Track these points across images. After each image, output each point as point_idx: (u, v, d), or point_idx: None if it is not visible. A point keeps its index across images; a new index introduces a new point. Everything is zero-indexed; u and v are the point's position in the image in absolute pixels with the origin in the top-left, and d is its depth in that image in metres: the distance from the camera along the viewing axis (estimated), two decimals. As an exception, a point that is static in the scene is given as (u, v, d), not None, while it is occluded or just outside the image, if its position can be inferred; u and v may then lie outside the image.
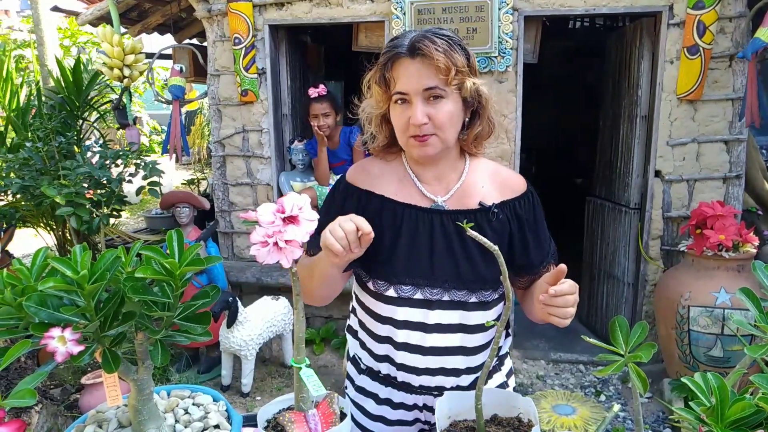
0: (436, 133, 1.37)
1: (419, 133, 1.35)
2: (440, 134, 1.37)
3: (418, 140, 1.37)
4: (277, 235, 1.04)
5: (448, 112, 1.36)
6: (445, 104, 1.36)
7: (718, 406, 0.88)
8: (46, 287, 1.02)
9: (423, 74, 1.33)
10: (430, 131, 1.36)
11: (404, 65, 1.35)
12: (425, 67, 1.33)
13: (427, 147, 1.38)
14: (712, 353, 3.33)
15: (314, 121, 4.07)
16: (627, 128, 4.13)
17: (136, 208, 9.51)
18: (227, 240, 4.63)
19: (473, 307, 1.46)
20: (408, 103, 1.36)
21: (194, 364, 4.22)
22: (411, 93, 1.34)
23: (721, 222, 3.35)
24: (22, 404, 1.02)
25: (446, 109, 1.36)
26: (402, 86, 1.35)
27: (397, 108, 1.38)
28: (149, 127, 10.78)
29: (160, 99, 4.83)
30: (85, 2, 5.26)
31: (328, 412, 1.24)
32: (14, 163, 4.01)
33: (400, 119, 1.39)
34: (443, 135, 1.38)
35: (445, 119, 1.36)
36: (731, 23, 3.59)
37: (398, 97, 1.37)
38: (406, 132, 1.38)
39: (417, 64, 1.33)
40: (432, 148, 1.38)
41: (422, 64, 1.33)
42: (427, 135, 1.36)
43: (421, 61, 1.33)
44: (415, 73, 1.34)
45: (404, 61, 1.35)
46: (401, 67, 1.36)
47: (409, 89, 1.34)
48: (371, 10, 4.01)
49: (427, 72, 1.33)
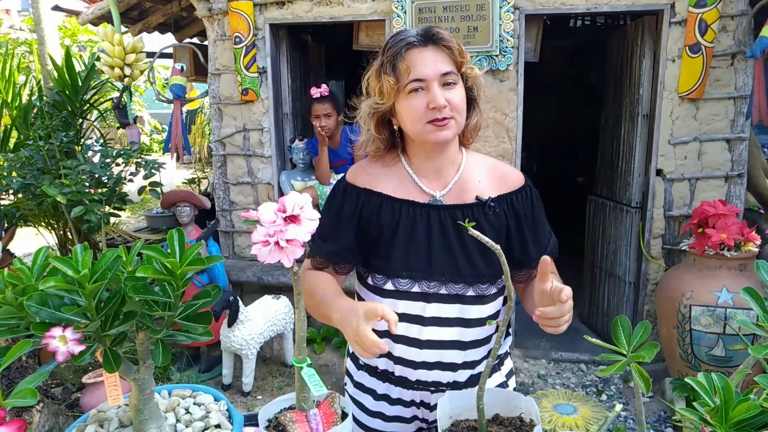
0: (453, 117, 1.40)
1: (440, 116, 1.38)
2: (457, 117, 1.41)
3: (437, 124, 1.39)
4: (279, 234, 1.04)
5: (461, 98, 1.41)
6: (458, 90, 1.41)
7: (722, 406, 0.88)
8: (47, 287, 1.02)
9: (439, 60, 1.38)
10: (448, 114, 1.39)
11: (418, 53, 1.39)
12: (440, 53, 1.39)
13: (447, 130, 1.40)
14: (714, 353, 3.32)
15: (316, 121, 4.06)
16: (628, 127, 4.13)
17: (136, 207, 9.51)
18: (228, 239, 4.63)
19: (471, 301, 1.47)
20: (424, 91, 1.39)
21: (195, 363, 4.23)
22: (429, 78, 1.37)
23: (723, 221, 3.34)
24: (23, 404, 1.01)
25: (460, 94, 1.41)
26: (419, 73, 1.38)
27: (412, 97, 1.40)
28: (150, 126, 10.78)
29: (161, 98, 4.83)
30: (86, 1, 5.25)
31: (329, 411, 1.24)
32: (16, 162, 4.02)
33: (415, 107, 1.40)
34: (459, 119, 1.42)
35: (459, 103, 1.40)
36: (733, 21, 3.59)
37: (415, 84, 1.39)
38: (422, 119, 1.39)
39: (431, 51, 1.39)
40: (451, 131, 1.41)
41: (436, 51, 1.39)
42: (447, 117, 1.39)
43: (434, 48, 1.39)
44: (432, 59, 1.38)
45: (417, 49, 1.39)
46: (414, 56, 1.39)
47: (427, 75, 1.37)
48: (372, 8, 4.01)
49: (442, 58, 1.39)
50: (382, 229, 1.48)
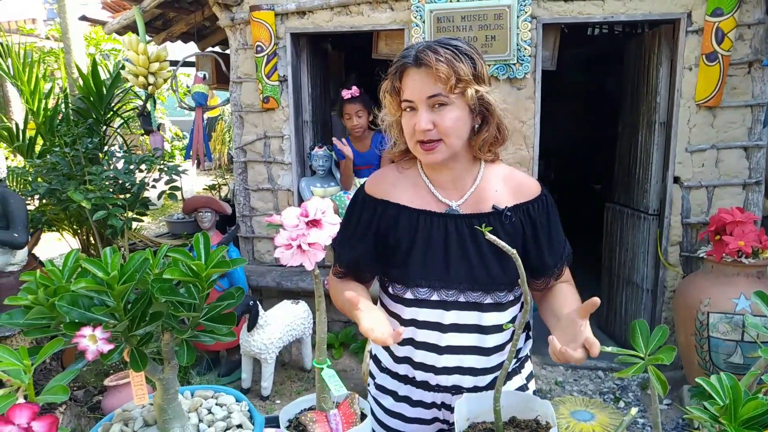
0: (442, 139, 1.41)
1: (424, 138, 1.40)
2: (446, 140, 1.41)
3: (424, 147, 1.42)
4: (301, 238, 1.07)
5: (453, 119, 1.40)
6: (450, 111, 1.40)
7: (731, 405, 0.90)
8: (78, 287, 1.06)
9: (426, 82, 1.38)
10: (435, 137, 1.40)
11: (411, 74, 1.41)
12: (428, 76, 1.38)
13: (434, 154, 1.42)
14: (732, 360, 3.31)
15: (348, 122, 4.20)
16: (646, 134, 4.13)
17: (157, 213, 9.61)
18: (248, 244, 4.68)
19: (488, 308, 1.50)
20: (415, 111, 1.41)
21: (215, 367, 4.27)
22: (416, 101, 1.40)
23: (741, 228, 3.33)
24: (55, 400, 1.06)
25: (451, 115, 1.40)
26: (408, 94, 1.41)
27: (406, 115, 1.44)
28: (171, 133, 10.91)
29: (184, 105, 4.91)
30: (111, 11, 5.36)
31: (349, 412, 1.27)
32: (42, 168, 4.10)
33: (407, 126, 1.44)
34: (449, 141, 1.42)
35: (449, 125, 1.40)
36: (750, 30, 3.58)
37: (406, 104, 1.43)
38: (413, 138, 1.44)
39: (421, 73, 1.39)
40: (439, 155, 1.43)
41: (425, 73, 1.38)
42: (433, 141, 1.41)
43: (425, 70, 1.38)
44: (419, 82, 1.39)
45: (411, 70, 1.41)
46: (408, 77, 1.41)
47: (414, 97, 1.40)
48: (391, 18, 4.05)
49: (430, 80, 1.38)
50: (400, 240, 1.51)
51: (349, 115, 4.18)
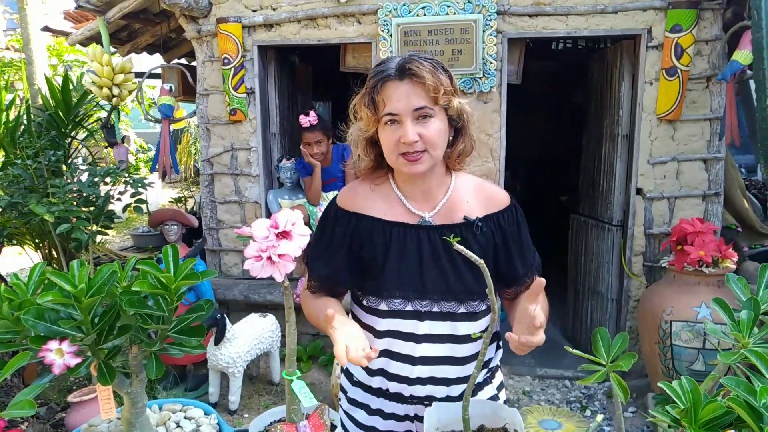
0: (427, 150, 1.42)
1: (410, 150, 1.41)
2: (431, 151, 1.43)
3: (408, 159, 1.42)
4: (271, 249, 1.08)
5: (437, 130, 1.42)
6: (434, 122, 1.42)
7: (692, 408, 0.93)
8: (45, 301, 1.05)
9: (412, 95, 1.39)
10: (420, 148, 1.41)
11: (393, 87, 1.41)
12: (414, 87, 1.39)
13: (418, 164, 1.43)
14: (695, 367, 3.38)
15: (307, 148, 4.13)
16: (609, 147, 4.22)
17: (121, 226, 9.47)
18: (215, 257, 4.64)
19: (462, 318, 1.52)
20: (398, 124, 1.42)
21: (182, 381, 4.22)
22: (401, 113, 1.40)
23: (701, 238, 3.42)
24: (22, 414, 1.04)
25: (435, 127, 1.42)
26: (392, 107, 1.41)
27: (387, 129, 1.44)
28: (136, 145, 10.77)
29: (149, 118, 4.86)
30: (74, 23, 5.29)
31: (319, 423, 1.27)
32: (3, 181, 4.02)
33: (389, 139, 1.44)
34: (434, 152, 1.44)
35: (434, 137, 1.42)
36: (707, 46, 3.69)
37: (388, 118, 1.42)
38: (395, 151, 1.44)
39: (406, 85, 1.40)
40: (423, 165, 1.44)
41: (411, 85, 1.39)
42: (418, 152, 1.42)
43: (409, 82, 1.39)
44: (405, 94, 1.40)
45: (393, 83, 1.41)
46: (390, 90, 1.41)
47: (399, 110, 1.40)
48: (359, 31, 4.08)
49: (416, 92, 1.39)
50: (374, 252, 1.52)
51: (308, 142, 4.14)
